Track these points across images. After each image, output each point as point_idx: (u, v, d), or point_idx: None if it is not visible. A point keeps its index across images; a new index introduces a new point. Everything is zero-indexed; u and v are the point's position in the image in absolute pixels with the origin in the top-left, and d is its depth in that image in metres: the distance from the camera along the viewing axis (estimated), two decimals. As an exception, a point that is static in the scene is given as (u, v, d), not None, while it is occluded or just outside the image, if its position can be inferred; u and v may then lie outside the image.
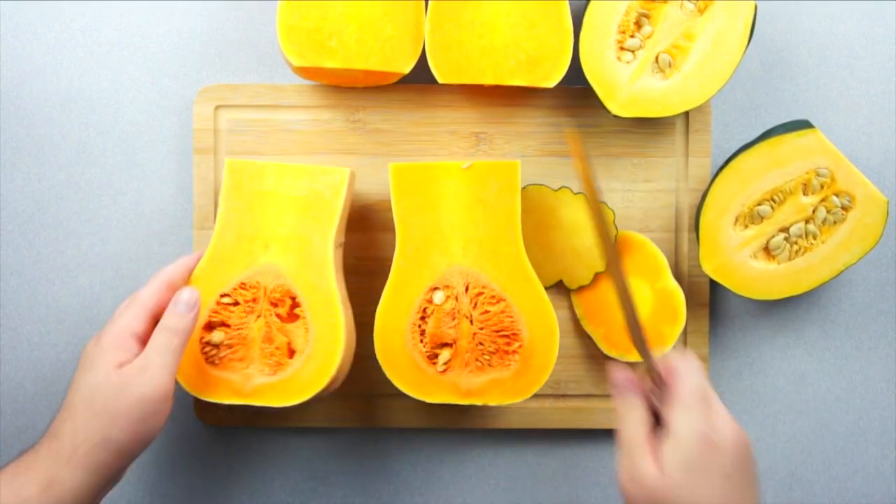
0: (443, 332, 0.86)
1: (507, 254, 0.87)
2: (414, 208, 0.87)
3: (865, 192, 0.89)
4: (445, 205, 0.87)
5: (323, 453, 0.97)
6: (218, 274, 0.85)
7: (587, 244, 0.92)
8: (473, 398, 0.86)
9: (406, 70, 0.90)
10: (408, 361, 0.86)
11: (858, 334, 0.97)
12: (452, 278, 0.87)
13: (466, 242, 0.87)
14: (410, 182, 0.87)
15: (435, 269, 0.87)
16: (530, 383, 0.86)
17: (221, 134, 0.94)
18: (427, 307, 0.86)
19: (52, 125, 0.96)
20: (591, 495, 0.97)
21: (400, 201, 0.87)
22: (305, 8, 0.87)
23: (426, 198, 0.87)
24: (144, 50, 0.97)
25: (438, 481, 0.97)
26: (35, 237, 0.96)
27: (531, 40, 0.89)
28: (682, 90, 0.89)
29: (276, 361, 0.84)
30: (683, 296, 0.90)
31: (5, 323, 0.96)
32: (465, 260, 0.87)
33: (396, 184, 0.87)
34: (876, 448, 0.97)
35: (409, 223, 0.87)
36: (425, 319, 0.86)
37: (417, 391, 0.86)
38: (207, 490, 0.96)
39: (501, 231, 0.87)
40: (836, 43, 0.97)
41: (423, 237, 0.87)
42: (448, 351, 0.86)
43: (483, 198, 0.87)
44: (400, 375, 0.86)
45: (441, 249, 0.87)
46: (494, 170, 0.87)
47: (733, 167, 0.90)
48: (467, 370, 0.86)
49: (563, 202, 0.92)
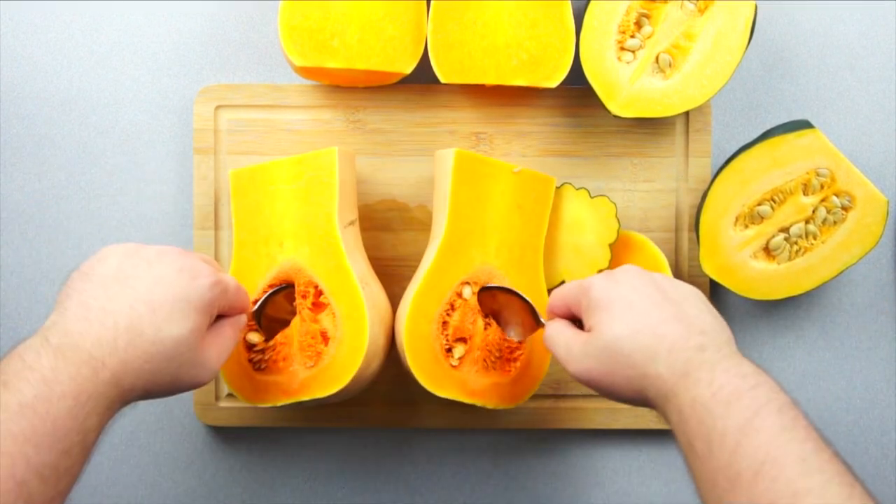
0: (464, 327, 0.86)
1: (529, 263, 0.89)
2: (468, 198, 0.87)
3: (865, 192, 0.89)
4: (492, 203, 0.88)
5: (323, 453, 0.97)
6: (245, 283, 0.85)
7: (589, 241, 0.92)
8: (476, 398, 0.86)
9: (408, 70, 0.90)
10: (429, 351, 0.85)
11: (858, 334, 0.97)
12: (481, 276, 0.87)
13: (500, 244, 0.88)
14: (469, 172, 0.87)
15: (470, 263, 0.87)
16: (523, 391, 0.88)
17: (221, 134, 0.94)
18: (455, 301, 0.87)
19: (52, 125, 0.96)
20: (591, 495, 0.97)
21: (458, 189, 0.87)
22: (307, 8, 0.87)
23: (480, 192, 0.87)
24: (144, 50, 0.96)
25: (438, 481, 0.97)
26: (35, 237, 0.96)
27: (533, 40, 0.89)
28: (683, 90, 0.89)
29: (316, 352, 0.84)
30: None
31: (5, 323, 0.96)
32: (495, 260, 0.87)
33: (457, 171, 0.87)
34: (876, 448, 0.97)
35: (461, 213, 0.87)
36: (450, 313, 0.87)
37: (432, 383, 0.85)
38: (207, 490, 0.96)
39: (529, 239, 0.88)
40: (836, 43, 0.97)
41: (469, 230, 0.87)
42: (463, 346, 0.87)
43: (522, 204, 0.88)
44: (420, 364, 0.85)
45: (480, 246, 0.87)
46: (536, 180, 0.89)
47: (733, 167, 0.90)
48: (475, 369, 0.86)
49: (564, 199, 0.92)
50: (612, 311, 0.70)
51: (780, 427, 0.61)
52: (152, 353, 0.67)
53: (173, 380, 0.69)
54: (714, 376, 0.64)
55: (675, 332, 0.68)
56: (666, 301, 0.71)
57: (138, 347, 0.66)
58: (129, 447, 0.96)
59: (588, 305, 0.73)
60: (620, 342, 0.69)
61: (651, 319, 0.69)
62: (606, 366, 0.69)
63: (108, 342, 0.65)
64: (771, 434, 0.60)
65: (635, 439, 0.97)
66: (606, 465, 0.97)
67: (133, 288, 0.68)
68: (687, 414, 0.64)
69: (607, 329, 0.70)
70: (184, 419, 0.96)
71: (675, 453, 0.97)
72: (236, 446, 0.97)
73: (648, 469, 0.97)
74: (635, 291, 0.71)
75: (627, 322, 0.69)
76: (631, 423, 0.95)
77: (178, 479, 0.96)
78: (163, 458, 0.96)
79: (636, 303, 0.70)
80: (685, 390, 0.65)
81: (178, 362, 0.68)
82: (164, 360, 0.67)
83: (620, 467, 0.97)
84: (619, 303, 0.71)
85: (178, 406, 0.96)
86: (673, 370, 0.66)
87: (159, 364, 0.67)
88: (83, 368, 0.63)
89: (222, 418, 0.94)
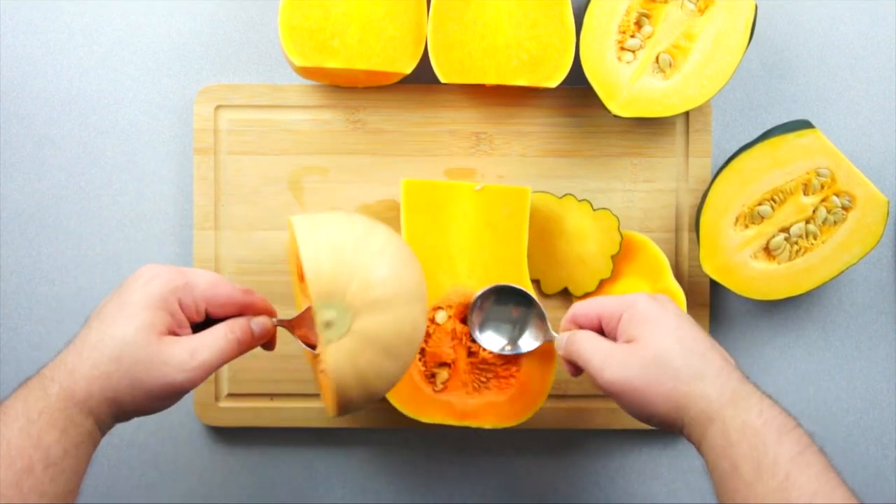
0: (442, 352, 0.86)
1: (511, 277, 0.88)
2: (424, 226, 0.87)
3: (866, 192, 0.89)
4: (455, 225, 0.87)
5: (323, 453, 0.97)
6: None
7: (592, 251, 0.92)
8: (468, 420, 0.87)
9: (408, 70, 0.90)
10: (406, 380, 0.86)
11: (858, 334, 0.97)
12: (455, 298, 0.87)
13: (472, 264, 0.87)
14: (422, 199, 0.87)
15: (439, 288, 0.87)
16: (525, 408, 0.87)
17: (221, 134, 0.94)
18: (429, 326, 0.86)
19: (52, 125, 0.96)
20: (591, 495, 0.97)
21: (411, 218, 0.87)
22: (307, 8, 0.87)
23: (437, 216, 0.87)
24: (144, 50, 0.96)
25: (438, 481, 0.97)
26: (35, 237, 0.96)
27: (533, 40, 0.89)
28: (683, 90, 0.89)
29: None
30: (684, 296, 0.90)
31: (5, 323, 0.96)
32: (469, 281, 0.87)
33: (408, 200, 0.87)
34: (876, 448, 0.97)
35: (419, 242, 0.87)
36: (426, 339, 0.87)
37: (413, 410, 0.86)
38: (207, 490, 0.96)
39: (508, 255, 0.88)
40: (836, 43, 0.97)
41: (430, 256, 0.87)
42: (446, 371, 0.87)
43: (492, 221, 0.88)
44: (398, 394, 0.86)
45: (447, 269, 0.87)
46: (505, 194, 0.88)
47: (733, 167, 0.90)
48: (464, 391, 0.86)
49: (567, 209, 0.92)
50: (661, 325, 0.72)
51: (825, 466, 0.65)
52: (97, 358, 0.67)
53: (133, 381, 0.67)
54: (762, 407, 0.68)
55: (720, 360, 0.71)
56: (705, 335, 0.74)
57: (82, 355, 0.68)
58: (129, 447, 0.96)
59: (632, 318, 0.73)
60: (671, 354, 0.70)
61: (698, 343, 0.71)
62: (649, 377, 0.70)
63: (59, 359, 0.68)
64: (819, 470, 0.64)
65: (635, 439, 0.97)
66: (606, 465, 0.97)
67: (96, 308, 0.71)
68: (735, 438, 0.66)
69: (657, 340, 0.71)
70: (184, 419, 0.96)
71: (675, 453, 0.97)
72: (236, 446, 0.97)
73: (648, 469, 0.97)
74: (680, 316, 0.74)
75: (678, 338, 0.71)
76: (631, 423, 0.95)
77: (178, 479, 0.96)
78: (163, 458, 0.96)
79: (683, 325, 0.73)
80: (734, 414, 0.67)
81: (128, 362, 0.67)
82: (112, 362, 0.67)
83: (620, 467, 0.97)
84: (668, 320, 0.73)
85: (178, 406, 0.95)
86: (721, 393, 0.69)
87: (107, 367, 0.67)
88: (34, 388, 0.67)
89: (222, 418, 0.94)
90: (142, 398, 0.68)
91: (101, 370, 0.67)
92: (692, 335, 0.72)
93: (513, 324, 0.87)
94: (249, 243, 0.94)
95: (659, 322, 0.72)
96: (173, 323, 0.70)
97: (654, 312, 0.73)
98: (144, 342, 0.68)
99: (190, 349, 0.69)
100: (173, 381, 0.68)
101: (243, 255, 0.94)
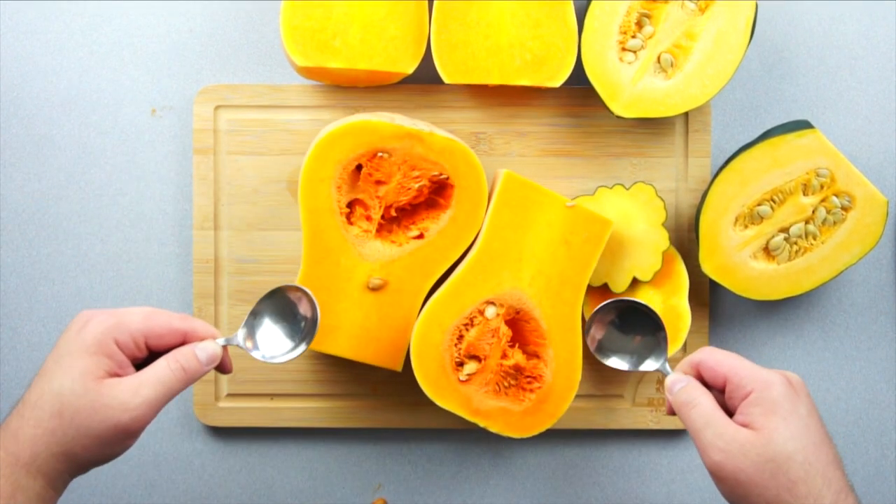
0: (479, 345, 0.87)
1: (567, 299, 0.88)
2: (508, 220, 0.87)
3: (865, 192, 0.89)
4: (535, 231, 0.88)
5: (323, 453, 0.97)
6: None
7: (643, 228, 0.92)
8: (479, 418, 0.87)
9: (409, 70, 0.90)
10: (437, 360, 0.86)
11: (858, 334, 0.97)
12: (510, 301, 0.87)
13: (537, 274, 0.88)
14: (516, 195, 0.87)
15: (499, 284, 0.87)
16: (535, 424, 0.88)
17: (221, 134, 0.94)
18: (476, 317, 0.87)
19: (52, 125, 0.96)
20: (592, 495, 0.97)
21: (499, 209, 0.87)
22: (309, 8, 0.87)
23: (523, 216, 0.88)
24: (144, 50, 0.96)
25: (438, 481, 0.97)
26: (35, 237, 0.96)
27: (536, 40, 0.89)
28: (685, 90, 0.89)
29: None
30: (690, 321, 0.90)
31: (5, 323, 0.96)
32: (529, 289, 0.87)
33: (503, 191, 0.87)
34: (876, 448, 0.97)
35: (497, 233, 0.87)
36: (468, 328, 0.87)
37: (434, 391, 0.86)
38: (207, 490, 0.96)
39: (571, 277, 0.88)
40: (836, 43, 0.97)
41: (502, 251, 0.87)
42: (475, 364, 0.87)
43: (570, 240, 0.88)
44: (425, 371, 0.86)
45: (513, 270, 0.87)
46: (590, 219, 0.88)
47: (733, 167, 0.90)
48: (484, 389, 0.87)
49: (604, 201, 0.92)
50: (790, 423, 0.68)
51: None
52: (38, 416, 0.68)
53: (79, 430, 0.67)
54: None
55: (841, 478, 0.68)
56: (826, 433, 0.70)
57: (24, 416, 0.68)
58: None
59: (762, 401, 0.69)
60: (791, 464, 0.67)
61: (822, 455, 0.68)
62: (763, 476, 0.67)
63: (4, 424, 0.69)
64: None
65: (635, 439, 0.97)
66: (606, 465, 0.97)
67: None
68: None
69: (782, 441, 0.67)
70: (184, 419, 0.96)
71: (674, 453, 0.97)
72: (236, 446, 0.97)
73: (648, 469, 0.97)
74: (811, 415, 0.70)
75: (804, 445, 0.67)
76: (631, 423, 0.95)
77: (177, 479, 0.96)
78: (163, 458, 0.96)
79: (812, 427, 0.69)
80: None
81: (69, 413, 0.67)
82: (53, 417, 0.67)
83: (620, 467, 0.97)
84: (798, 420, 0.68)
85: (177, 406, 0.96)
86: None
87: (49, 423, 0.67)
88: None
89: (222, 418, 0.94)
90: (93, 446, 0.68)
91: (43, 427, 0.67)
92: (819, 443, 0.68)
93: (632, 341, 0.83)
94: (249, 243, 0.94)
95: (788, 419, 0.68)
96: (113, 365, 0.70)
97: (786, 406, 0.68)
98: (82, 390, 0.68)
99: (132, 388, 0.69)
100: (118, 422, 0.68)
101: (243, 254, 0.94)
